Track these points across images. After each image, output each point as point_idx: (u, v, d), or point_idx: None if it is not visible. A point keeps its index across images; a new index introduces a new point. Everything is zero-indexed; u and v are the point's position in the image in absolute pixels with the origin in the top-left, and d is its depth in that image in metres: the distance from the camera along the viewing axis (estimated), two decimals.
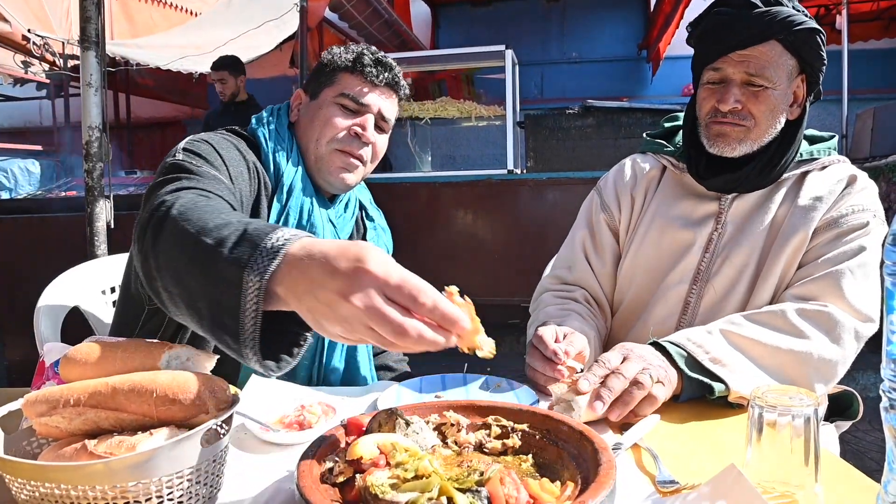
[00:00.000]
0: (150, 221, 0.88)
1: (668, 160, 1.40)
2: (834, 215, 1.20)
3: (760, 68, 1.19)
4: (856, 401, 1.32)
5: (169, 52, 5.58)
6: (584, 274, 1.43)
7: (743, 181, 1.27)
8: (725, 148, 1.25)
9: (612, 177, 1.48)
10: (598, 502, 0.59)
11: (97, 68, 2.80)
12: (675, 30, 6.94)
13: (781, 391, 0.72)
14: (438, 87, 7.12)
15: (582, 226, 1.48)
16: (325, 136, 1.31)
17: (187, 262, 0.79)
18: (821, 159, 1.28)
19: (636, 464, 0.80)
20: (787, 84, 1.23)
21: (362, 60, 1.32)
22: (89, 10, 2.80)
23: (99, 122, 2.82)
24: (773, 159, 1.26)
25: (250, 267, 0.70)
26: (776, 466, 0.70)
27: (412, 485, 0.62)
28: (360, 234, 1.49)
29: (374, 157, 1.38)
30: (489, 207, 4.04)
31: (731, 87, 1.22)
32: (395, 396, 1.05)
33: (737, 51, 1.20)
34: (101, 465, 0.62)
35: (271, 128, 1.34)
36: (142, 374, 0.72)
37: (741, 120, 1.22)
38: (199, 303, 0.78)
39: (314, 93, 1.36)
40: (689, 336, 1.07)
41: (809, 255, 1.21)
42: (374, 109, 1.34)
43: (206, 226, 0.80)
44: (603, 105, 3.98)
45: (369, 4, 6.19)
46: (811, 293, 1.15)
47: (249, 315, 0.71)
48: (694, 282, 1.29)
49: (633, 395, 0.94)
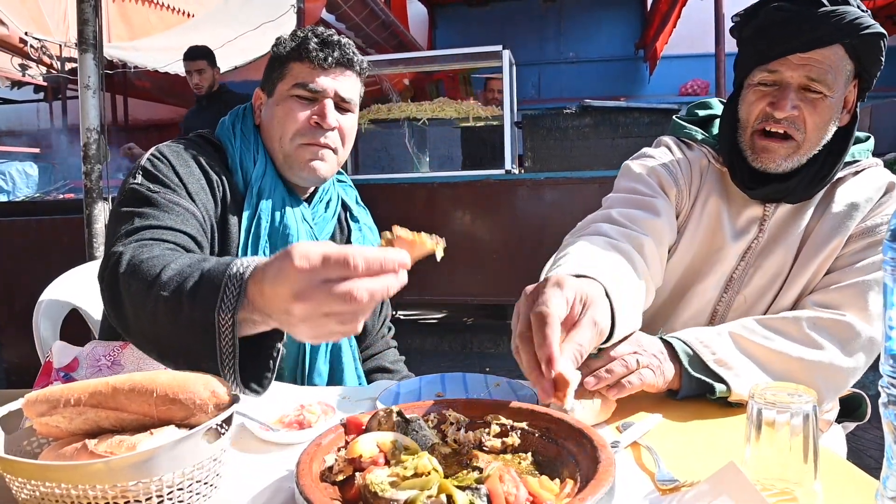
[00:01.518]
0: (107, 278, 0.93)
1: (707, 151, 1.29)
2: (869, 224, 1.15)
3: (822, 74, 1.09)
4: (864, 402, 1.30)
5: (166, 55, 5.58)
6: (661, 229, 1.18)
7: (790, 192, 1.18)
8: (770, 164, 1.16)
9: (670, 153, 1.31)
10: (597, 500, 0.59)
11: (95, 70, 2.80)
12: (672, 29, 6.96)
13: (780, 388, 0.72)
14: (436, 87, 7.13)
15: (646, 187, 1.24)
16: (288, 132, 1.27)
17: (150, 317, 0.83)
18: (859, 162, 1.22)
19: (636, 462, 0.81)
20: (843, 91, 1.14)
21: (307, 46, 1.26)
22: (86, 12, 2.81)
23: (97, 124, 2.82)
24: (821, 170, 1.17)
25: (219, 307, 0.74)
26: (775, 464, 0.70)
27: (411, 483, 0.62)
28: (343, 234, 1.45)
29: (345, 140, 1.34)
30: (487, 208, 4.04)
31: (789, 92, 1.11)
32: (395, 396, 1.05)
33: (798, 53, 1.09)
34: (102, 464, 0.62)
35: (236, 130, 1.32)
36: (142, 373, 0.72)
37: (793, 129, 1.13)
38: (171, 353, 0.83)
39: (270, 90, 1.32)
40: (697, 335, 1.05)
41: (839, 261, 1.17)
42: (331, 93, 1.28)
43: (161, 279, 0.84)
44: (600, 105, 3.99)
45: (366, 5, 6.20)
46: (833, 301, 1.12)
47: (227, 351, 0.75)
48: (725, 290, 1.24)
49: (612, 371, 0.93)
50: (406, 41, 7.77)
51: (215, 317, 0.74)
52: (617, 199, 1.25)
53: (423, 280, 4.02)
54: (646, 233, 1.14)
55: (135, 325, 0.88)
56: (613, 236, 1.09)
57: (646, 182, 1.25)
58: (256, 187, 1.26)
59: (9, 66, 5.72)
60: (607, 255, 1.03)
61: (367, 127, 4.78)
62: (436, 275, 3.93)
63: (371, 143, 4.98)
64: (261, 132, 1.34)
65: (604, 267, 0.94)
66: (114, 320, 0.92)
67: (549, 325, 0.72)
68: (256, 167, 1.28)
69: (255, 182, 1.27)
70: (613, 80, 8.97)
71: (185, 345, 0.79)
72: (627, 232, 1.12)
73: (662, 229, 1.18)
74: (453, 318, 5.76)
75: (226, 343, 0.74)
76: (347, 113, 1.33)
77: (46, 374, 0.99)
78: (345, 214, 1.47)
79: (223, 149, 1.30)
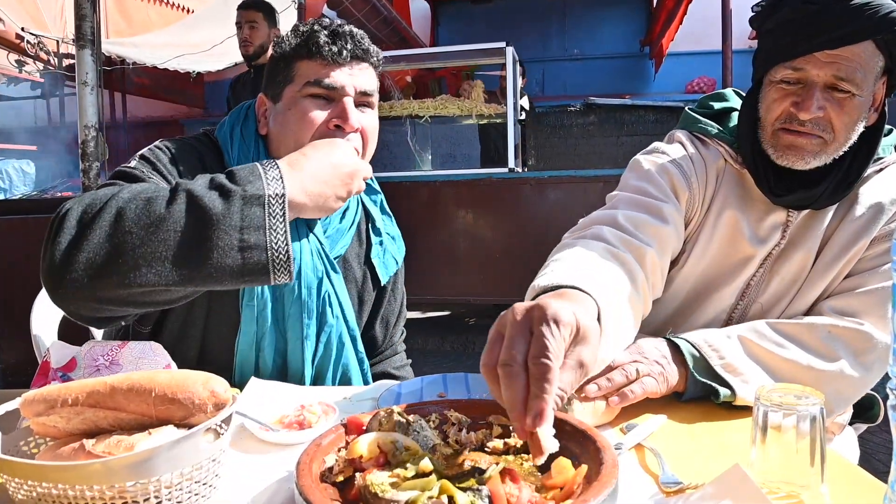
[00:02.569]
0: (77, 216, 0.91)
1: (724, 149, 1.19)
2: (894, 227, 1.10)
3: (851, 72, 1.00)
4: (877, 404, 1.27)
5: (165, 51, 5.57)
6: (667, 235, 1.11)
7: (817, 199, 1.10)
8: (798, 161, 1.06)
9: (683, 150, 1.21)
10: (599, 501, 0.58)
11: (93, 66, 2.79)
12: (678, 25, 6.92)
13: (787, 390, 0.71)
14: (438, 84, 7.11)
15: (656, 189, 1.16)
16: (304, 138, 1.13)
17: (178, 239, 0.89)
18: (884, 158, 1.14)
19: (640, 464, 0.80)
20: (871, 88, 1.05)
21: (316, 40, 1.13)
22: (84, 7, 2.80)
23: (95, 121, 2.81)
24: (848, 175, 1.09)
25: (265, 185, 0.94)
26: (781, 466, 0.69)
27: (412, 483, 0.62)
28: (362, 247, 1.32)
29: (368, 141, 1.19)
30: (490, 206, 4.03)
31: (814, 91, 1.02)
32: (396, 396, 1.04)
33: (825, 49, 1.00)
34: (100, 464, 0.61)
35: (235, 133, 1.20)
36: (140, 373, 0.72)
37: (820, 131, 1.04)
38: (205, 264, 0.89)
39: (276, 95, 1.18)
40: (706, 338, 1.02)
41: (861, 264, 1.11)
42: (350, 90, 1.15)
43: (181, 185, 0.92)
44: (605, 102, 3.99)
45: (368, 2, 6.19)
46: (852, 308, 1.07)
47: (279, 228, 0.93)
48: (741, 296, 1.19)
49: (613, 380, 0.91)
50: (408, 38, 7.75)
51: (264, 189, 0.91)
52: (623, 198, 1.16)
53: (424, 280, 4.02)
54: (650, 241, 1.07)
55: (121, 251, 0.87)
56: (614, 243, 1.02)
57: (656, 182, 1.17)
58: None
59: (5, 63, 5.72)
60: (606, 265, 0.95)
61: None
62: (438, 274, 3.92)
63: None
64: (268, 143, 1.21)
65: (601, 280, 0.86)
66: (64, 268, 0.87)
67: (550, 382, 0.63)
68: None
69: None
70: (618, 77, 8.92)
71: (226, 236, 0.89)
72: (629, 240, 1.05)
73: (668, 237, 1.11)
74: (455, 318, 5.76)
75: (278, 214, 0.92)
76: (368, 110, 1.20)
77: (44, 374, 0.98)
78: (366, 225, 1.33)
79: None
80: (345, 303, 1.21)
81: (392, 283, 1.38)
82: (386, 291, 1.37)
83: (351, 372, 1.23)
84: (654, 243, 1.07)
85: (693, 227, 1.19)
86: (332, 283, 1.18)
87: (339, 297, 1.19)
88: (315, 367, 1.19)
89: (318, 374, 1.20)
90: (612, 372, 0.93)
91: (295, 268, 0.98)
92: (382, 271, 1.32)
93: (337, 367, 1.21)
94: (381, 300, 1.36)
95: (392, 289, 1.39)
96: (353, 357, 1.23)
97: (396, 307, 1.41)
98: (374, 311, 1.36)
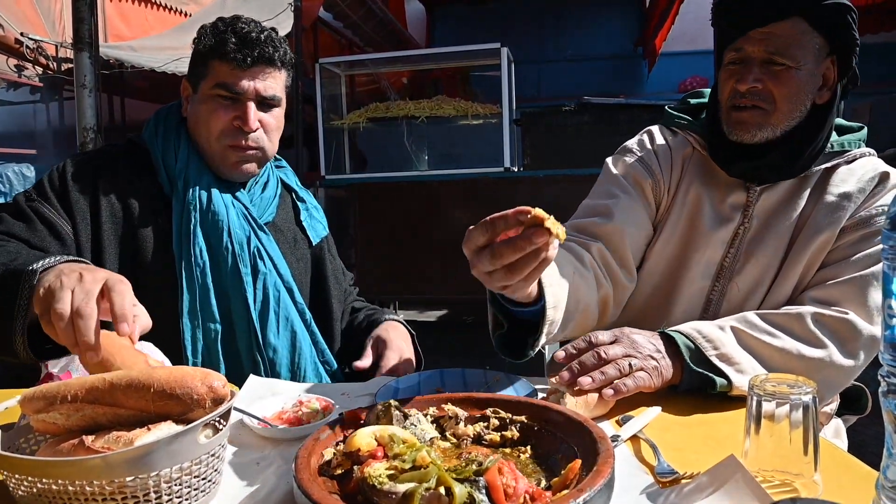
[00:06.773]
0: None
1: (694, 138, 1.30)
2: (864, 215, 1.15)
3: (783, 46, 1.11)
4: (864, 395, 1.30)
5: (163, 55, 5.56)
6: (613, 231, 1.25)
7: (767, 168, 1.19)
8: (745, 135, 1.16)
9: (649, 144, 1.35)
10: (595, 491, 0.59)
11: (91, 69, 2.80)
12: (670, 25, 6.96)
13: (780, 379, 0.72)
14: (434, 85, 7.12)
15: (616, 187, 1.31)
16: (212, 133, 1.28)
17: None
18: (851, 151, 1.21)
19: (635, 455, 0.80)
20: (814, 64, 1.13)
21: (226, 47, 1.24)
22: (82, 10, 2.81)
23: (93, 123, 2.82)
24: (800, 146, 1.17)
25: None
26: (775, 455, 0.70)
27: (410, 475, 0.62)
28: (289, 214, 1.48)
29: (271, 135, 1.33)
30: (486, 206, 4.02)
31: (752, 67, 1.14)
32: (394, 391, 1.05)
33: (757, 28, 1.12)
34: (99, 460, 0.62)
35: (159, 131, 1.34)
36: (139, 369, 0.72)
37: (760, 101, 1.14)
38: None
39: (195, 85, 1.32)
40: (699, 329, 1.05)
41: (834, 254, 1.16)
42: (251, 94, 1.27)
43: None
44: (599, 102, 3.99)
45: (364, 4, 6.20)
46: (833, 298, 1.11)
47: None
48: (717, 278, 1.24)
49: (606, 373, 0.92)
50: (404, 39, 7.77)
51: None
52: (582, 207, 1.35)
53: (422, 278, 4.01)
54: (597, 239, 1.24)
55: None
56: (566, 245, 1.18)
57: (617, 181, 1.32)
58: (181, 182, 1.29)
59: (5, 68, 5.70)
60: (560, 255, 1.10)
61: (366, 125, 4.78)
62: (435, 273, 3.92)
63: (369, 141, 4.97)
64: (188, 124, 1.34)
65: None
66: None
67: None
68: (178, 161, 1.30)
69: (178, 177, 1.29)
70: (612, 77, 8.95)
71: None
72: (578, 237, 1.25)
73: (616, 232, 1.25)
74: (453, 317, 5.76)
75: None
76: (272, 109, 1.33)
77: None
78: (290, 196, 1.50)
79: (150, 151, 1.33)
80: (276, 257, 1.35)
81: (327, 247, 1.53)
82: (323, 252, 1.51)
83: (295, 325, 1.33)
84: (602, 239, 1.25)
85: (663, 209, 1.31)
86: (261, 241, 1.33)
87: (268, 252, 1.33)
88: (258, 321, 1.28)
89: (263, 328, 1.29)
90: (606, 366, 0.94)
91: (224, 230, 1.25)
92: (312, 233, 1.49)
93: (278, 316, 1.31)
94: (322, 261, 1.50)
95: (328, 250, 1.54)
96: (294, 308, 1.34)
97: (339, 265, 1.58)
98: (323, 275, 1.49)
